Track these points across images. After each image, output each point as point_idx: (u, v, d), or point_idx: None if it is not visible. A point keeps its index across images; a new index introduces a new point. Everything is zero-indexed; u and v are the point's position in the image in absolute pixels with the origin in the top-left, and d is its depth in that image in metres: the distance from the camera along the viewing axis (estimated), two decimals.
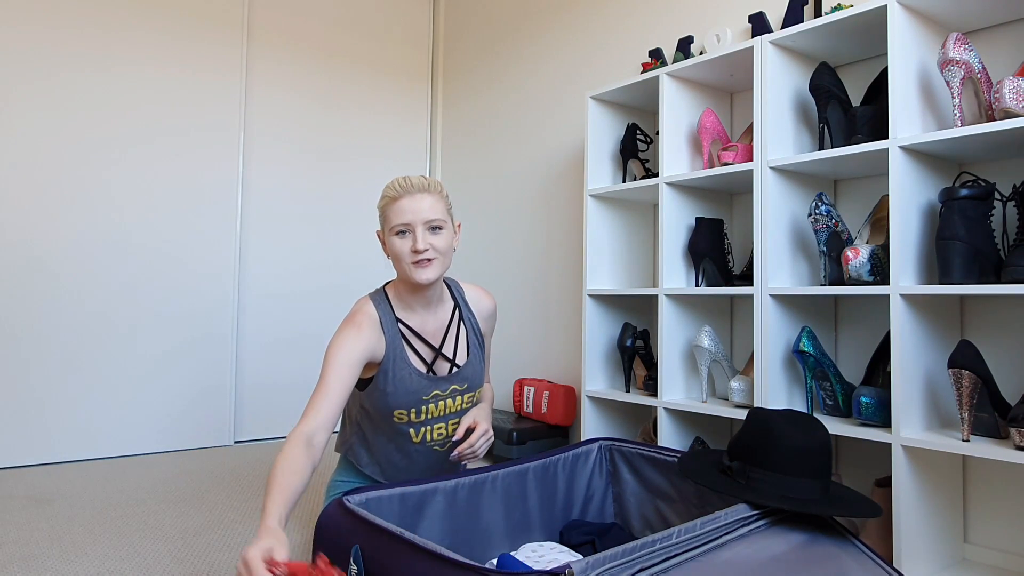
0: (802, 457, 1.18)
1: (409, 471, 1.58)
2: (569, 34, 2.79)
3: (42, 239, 2.46)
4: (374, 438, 1.56)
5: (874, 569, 1.11)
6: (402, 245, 1.44)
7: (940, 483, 1.51)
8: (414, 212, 1.43)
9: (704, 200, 2.06)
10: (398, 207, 1.44)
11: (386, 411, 1.50)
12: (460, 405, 1.57)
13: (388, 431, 1.54)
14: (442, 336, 1.56)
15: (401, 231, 1.44)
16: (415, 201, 1.44)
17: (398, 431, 1.52)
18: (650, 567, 0.93)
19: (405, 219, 1.43)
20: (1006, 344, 1.54)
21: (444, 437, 1.57)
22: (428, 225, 1.44)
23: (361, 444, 1.60)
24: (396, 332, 1.49)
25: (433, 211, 1.45)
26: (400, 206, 1.44)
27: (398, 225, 1.44)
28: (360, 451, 1.60)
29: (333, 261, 3.16)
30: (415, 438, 1.54)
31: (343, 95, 3.22)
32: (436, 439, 1.56)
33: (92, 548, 1.61)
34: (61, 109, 2.51)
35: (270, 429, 2.97)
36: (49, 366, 2.46)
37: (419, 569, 0.97)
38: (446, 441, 1.58)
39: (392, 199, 1.45)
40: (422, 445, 1.55)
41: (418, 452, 1.56)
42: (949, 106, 1.60)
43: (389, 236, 1.46)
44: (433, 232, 1.45)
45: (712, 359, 1.87)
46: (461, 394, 1.56)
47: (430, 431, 1.55)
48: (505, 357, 2.99)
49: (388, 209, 1.46)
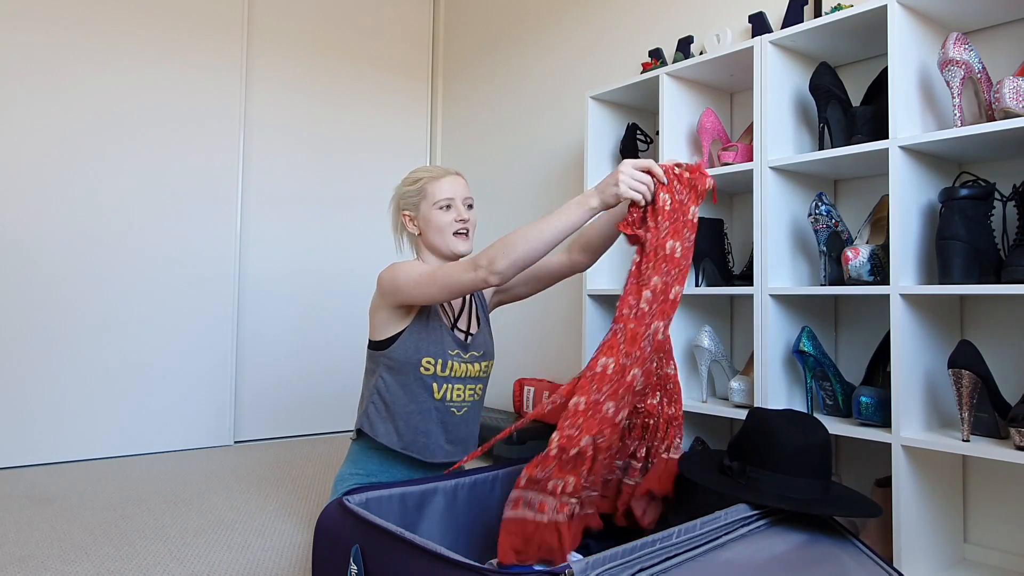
0: (802, 457, 1.18)
1: (427, 433, 1.60)
2: (569, 33, 2.79)
3: (42, 239, 2.46)
4: (394, 398, 1.61)
5: (874, 569, 1.11)
6: (446, 217, 1.64)
7: (940, 483, 1.51)
8: (455, 189, 1.65)
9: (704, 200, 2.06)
10: (441, 184, 1.65)
11: (416, 359, 1.58)
12: (477, 372, 1.67)
13: (412, 385, 1.60)
14: (459, 307, 1.70)
15: (445, 205, 1.64)
16: (455, 180, 1.66)
17: (423, 383, 1.59)
18: (650, 567, 0.93)
19: (449, 193, 1.64)
20: (1006, 344, 1.54)
21: (461, 400, 1.64)
22: (466, 202, 1.67)
23: (378, 412, 1.62)
24: None
25: (467, 191, 1.69)
26: (443, 183, 1.65)
27: (443, 200, 1.63)
28: (376, 421, 1.62)
29: (334, 261, 3.16)
30: (437, 393, 1.60)
31: (343, 93, 3.22)
32: (455, 400, 1.63)
33: (92, 548, 1.61)
34: (61, 107, 2.51)
35: (270, 429, 2.97)
36: (49, 366, 2.46)
37: (419, 569, 0.97)
38: (462, 405, 1.64)
39: (434, 178, 1.65)
40: (442, 403, 1.61)
41: (437, 411, 1.61)
42: (949, 106, 1.60)
43: (430, 210, 1.64)
44: (468, 208, 1.67)
45: (712, 359, 1.87)
46: (478, 360, 1.66)
47: (451, 389, 1.62)
48: (505, 357, 2.99)
49: (429, 186, 1.65)
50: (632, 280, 1.23)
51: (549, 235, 1.31)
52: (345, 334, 3.17)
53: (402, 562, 1.00)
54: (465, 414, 1.65)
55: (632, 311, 1.21)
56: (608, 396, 1.16)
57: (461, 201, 1.65)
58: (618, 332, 1.20)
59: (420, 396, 1.60)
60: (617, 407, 1.17)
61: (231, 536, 1.71)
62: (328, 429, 3.12)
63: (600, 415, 1.16)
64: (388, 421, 1.61)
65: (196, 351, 2.76)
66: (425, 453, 1.60)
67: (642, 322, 1.20)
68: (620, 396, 1.17)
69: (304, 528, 1.78)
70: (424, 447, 1.60)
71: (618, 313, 1.22)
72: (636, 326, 1.20)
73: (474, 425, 1.69)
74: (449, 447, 1.63)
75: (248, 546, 1.64)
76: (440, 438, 1.62)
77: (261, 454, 2.66)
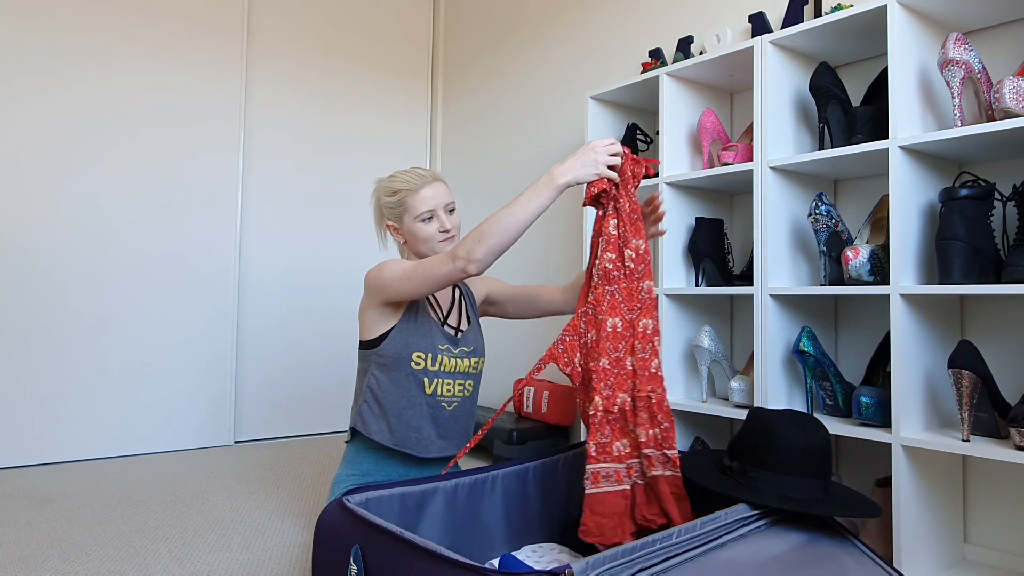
0: (802, 457, 1.18)
1: (418, 428, 1.61)
2: (569, 33, 2.79)
3: (41, 238, 2.46)
4: (385, 395, 1.61)
5: (874, 569, 1.11)
6: (429, 228, 1.64)
7: (940, 483, 1.51)
8: (435, 199, 1.64)
9: (704, 200, 2.06)
10: (421, 196, 1.63)
11: (406, 354, 1.60)
12: (467, 367, 1.67)
13: (403, 380, 1.60)
14: (449, 304, 1.72)
15: (427, 217, 1.64)
16: (434, 189, 1.64)
17: (414, 378, 1.60)
18: (650, 567, 0.93)
19: (429, 205, 1.63)
20: (1006, 344, 1.54)
21: (451, 395, 1.64)
22: (447, 208, 1.66)
23: (370, 410, 1.63)
24: None
25: (448, 196, 1.67)
26: (423, 195, 1.63)
27: (424, 212, 1.63)
28: (369, 418, 1.63)
29: (334, 261, 3.16)
30: (427, 388, 1.61)
31: (343, 93, 3.22)
32: (444, 394, 1.64)
33: (92, 548, 1.61)
34: (61, 107, 2.51)
35: (270, 429, 2.97)
36: (49, 365, 2.46)
37: (419, 569, 0.97)
38: (452, 400, 1.65)
39: (412, 190, 1.64)
40: (432, 398, 1.62)
41: (428, 406, 1.62)
42: (949, 106, 1.60)
43: (414, 223, 1.64)
44: (450, 214, 1.67)
45: (712, 359, 1.87)
46: (468, 356, 1.68)
47: (441, 384, 1.63)
48: (505, 357, 2.99)
49: (410, 199, 1.63)
50: (611, 242, 1.36)
51: (523, 217, 1.37)
52: (345, 334, 3.17)
53: (402, 562, 1.00)
54: (455, 409, 1.66)
55: (620, 271, 1.35)
56: (626, 352, 1.32)
57: (442, 209, 1.64)
58: (615, 292, 1.33)
59: (411, 391, 1.61)
60: (635, 360, 1.33)
61: (231, 536, 1.71)
62: (328, 429, 3.12)
63: (624, 371, 1.32)
64: (381, 418, 1.62)
65: (196, 351, 2.76)
66: (417, 448, 1.60)
67: (632, 278, 1.35)
68: (635, 350, 1.33)
69: (304, 528, 1.78)
70: (416, 442, 1.60)
71: (605, 275, 1.33)
72: (628, 284, 1.35)
73: (465, 422, 1.69)
74: (441, 442, 1.64)
75: (248, 546, 1.64)
76: (431, 433, 1.63)
77: (261, 454, 2.66)
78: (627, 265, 1.35)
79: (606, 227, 1.37)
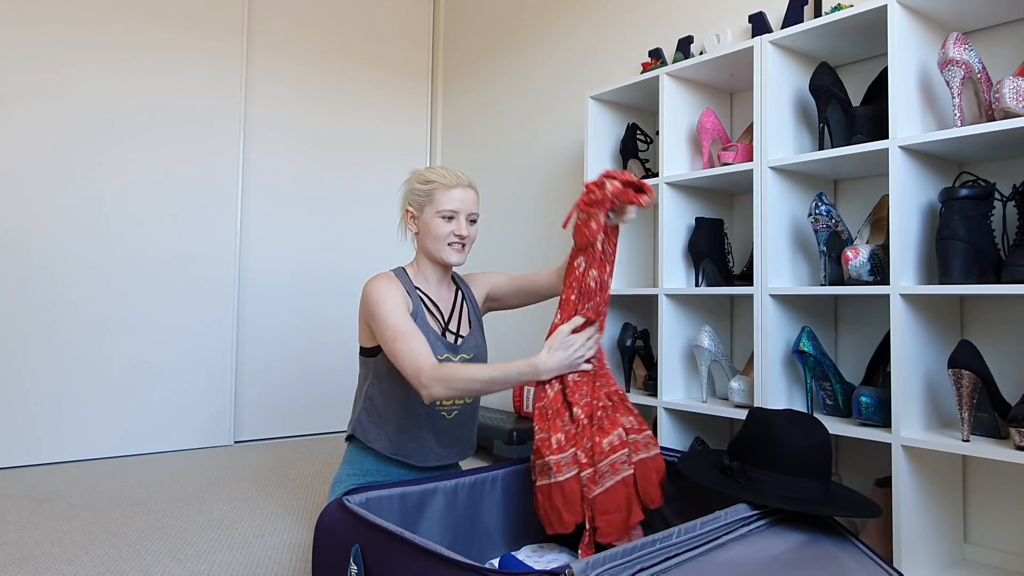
0: (802, 457, 1.18)
1: (417, 438, 1.61)
2: (569, 34, 2.79)
3: (42, 239, 2.46)
4: (386, 403, 1.61)
5: (874, 569, 1.11)
6: (446, 227, 1.61)
7: (940, 483, 1.51)
8: (463, 202, 1.62)
9: (704, 200, 2.06)
10: (450, 194, 1.61)
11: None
12: None
13: (401, 392, 1.59)
14: (450, 309, 1.70)
15: (449, 216, 1.61)
16: (465, 193, 1.63)
17: (413, 390, 1.58)
18: (650, 567, 0.93)
19: (454, 206, 1.61)
20: (1006, 344, 1.54)
21: (451, 404, 1.64)
22: (469, 217, 1.64)
23: (370, 418, 1.63)
24: (416, 295, 1.64)
25: (475, 206, 1.66)
26: (452, 194, 1.61)
27: (447, 210, 1.61)
28: (368, 426, 1.63)
29: (334, 261, 3.16)
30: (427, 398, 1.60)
31: (343, 93, 3.22)
32: (445, 404, 1.63)
33: (92, 548, 1.61)
34: (61, 107, 2.51)
35: (270, 429, 2.97)
36: (49, 366, 2.46)
37: (419, 569, 0.97)
38: (452, 409, 1.64)
39: (445, 186, 1.61)
40: (433, 408, 1.61)
41: (429, 416, 1.61)
42: (949, 106, 1.60)
43: (432, 217, 1.62)
44: (471, 224, 1.65)
45: (712, 359, 1.87)
46: (469, 362, 1.65)
47: None
48: (505, 357, 2.99)
49: (438, 193, 1.61)
50: (605, 262, 1.49)
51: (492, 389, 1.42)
52: (345, 334, 3.17)
53: (402, 562, 1.00)
54: (456, 417, 1.65)
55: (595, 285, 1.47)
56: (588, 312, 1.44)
57: (465, 216, 1.62)
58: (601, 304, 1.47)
59: (411, 402, 1.59)
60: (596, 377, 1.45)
61: (231, 536, 1.71)
62: (328, 429, 3.12)
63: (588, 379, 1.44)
64: (380, 427, 1.62)
65: (196, 351, 2.76)
66: (416, 457, 1.60)
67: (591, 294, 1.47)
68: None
69: (304, 528, 1.78)
70: (415, 452, 1.60)
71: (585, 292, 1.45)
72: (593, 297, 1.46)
73: (467, 429, 1.68)
74: (441, 450, 1.63)
75: (248, 546, 1.64)
76: (431, 442, 1.62)
77: (261, 454, 2.66)
78: (588, 284, 1.45)
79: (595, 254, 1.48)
